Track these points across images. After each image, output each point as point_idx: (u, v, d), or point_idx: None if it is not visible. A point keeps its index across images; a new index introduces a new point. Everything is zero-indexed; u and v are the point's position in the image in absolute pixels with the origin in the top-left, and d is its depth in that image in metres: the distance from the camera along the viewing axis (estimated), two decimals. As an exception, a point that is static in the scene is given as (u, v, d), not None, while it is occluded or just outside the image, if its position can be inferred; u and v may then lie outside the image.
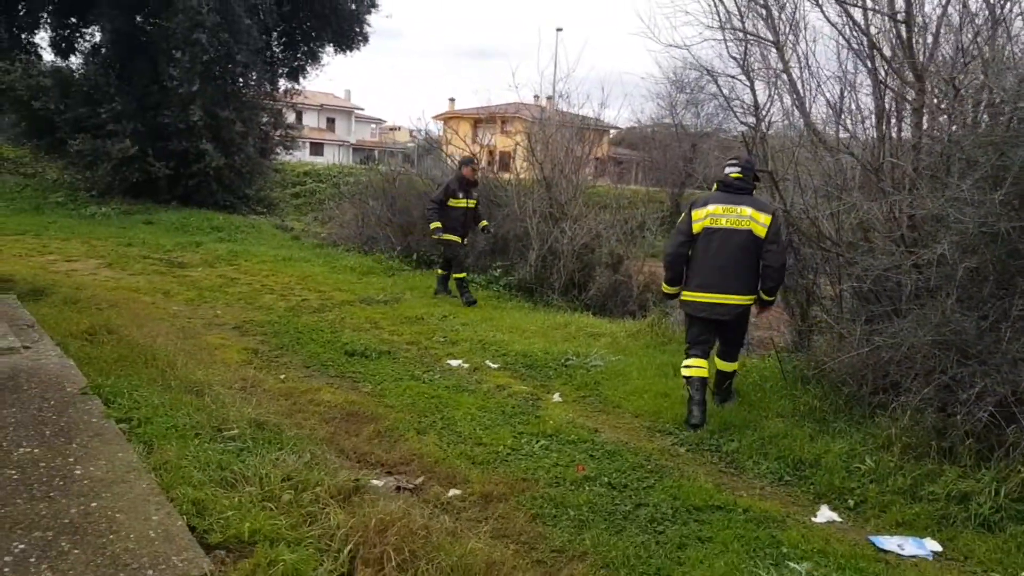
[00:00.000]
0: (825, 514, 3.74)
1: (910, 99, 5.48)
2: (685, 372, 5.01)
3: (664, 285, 5.22)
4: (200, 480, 3.19)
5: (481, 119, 24.89)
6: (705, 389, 4.98)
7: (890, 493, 3.85)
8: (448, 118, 36.97)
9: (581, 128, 11.68)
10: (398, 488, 3.76)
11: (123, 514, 2.85)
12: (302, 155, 36.23)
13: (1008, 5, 5.27)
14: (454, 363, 6.21)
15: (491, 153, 14.05)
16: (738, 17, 6.37)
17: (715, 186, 5.13)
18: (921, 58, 5.35)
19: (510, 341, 6.90)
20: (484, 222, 9.26)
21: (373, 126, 62.71)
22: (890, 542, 3.43)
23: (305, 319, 7.44)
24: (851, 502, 3.87)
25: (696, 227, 4.93)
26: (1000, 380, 3.92)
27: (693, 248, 4.98)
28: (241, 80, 17.26)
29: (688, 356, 5.03)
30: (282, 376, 5.50)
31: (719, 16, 6.54)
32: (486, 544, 3.12)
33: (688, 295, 5.02)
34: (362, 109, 59.24)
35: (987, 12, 5.33)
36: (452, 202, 8.73)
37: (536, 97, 13.51)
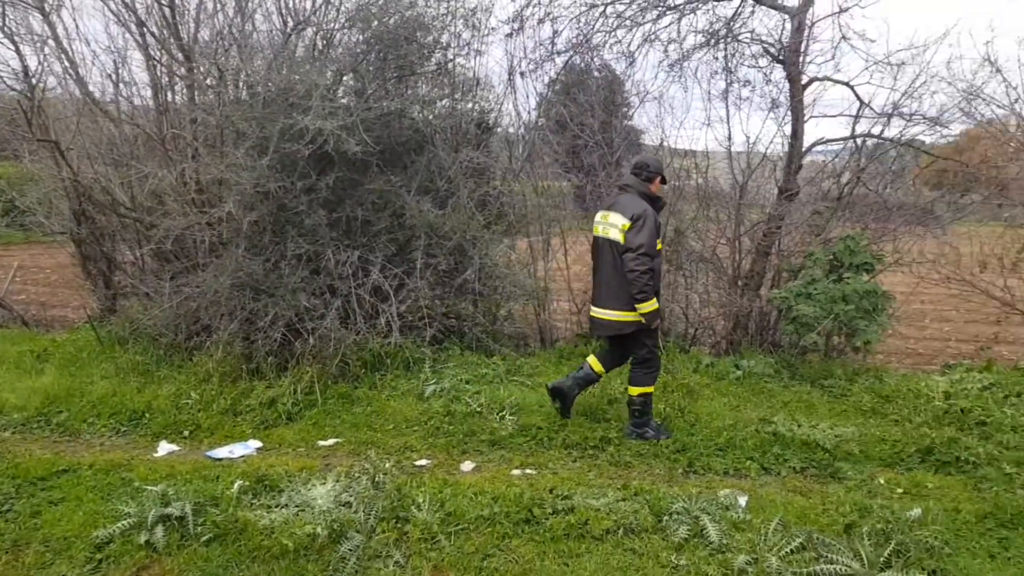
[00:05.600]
0: (165, 447, 4.17)
1: (181, 75, 6.08)
2: None
3: None
4: None
5: None
6: None
7: (216, 415, 4.53)
8: None
9: None
10: None
11: None
12: None
13: (248, 3, 6.33)
14: None
15: None
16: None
17: None
18: (186, 39, 5.98)
19: None
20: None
21: None
22: (222, 451, 4.10)
23: None
24: (186, 432, 4.38)
25: None
26: (285, 306, 4.99)
27: None
28: None
29: None
30: None
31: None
32: None
33: None
34: None
35: (235, 4, 6.28)
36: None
37: None
